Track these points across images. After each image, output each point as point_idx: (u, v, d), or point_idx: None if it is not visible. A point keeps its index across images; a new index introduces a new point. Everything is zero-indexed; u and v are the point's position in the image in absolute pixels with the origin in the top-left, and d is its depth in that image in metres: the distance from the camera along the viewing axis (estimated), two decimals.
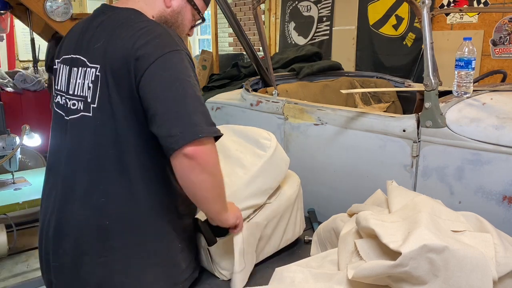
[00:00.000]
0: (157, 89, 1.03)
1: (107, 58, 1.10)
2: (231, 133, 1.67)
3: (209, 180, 1.09)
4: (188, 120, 1.01)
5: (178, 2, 1.25)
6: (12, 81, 4.65)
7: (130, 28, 1.10)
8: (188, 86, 1.05)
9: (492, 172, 1.50)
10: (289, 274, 1.16)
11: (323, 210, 1.98)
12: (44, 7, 3.58)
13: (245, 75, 3.20)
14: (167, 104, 1.02)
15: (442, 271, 0.98)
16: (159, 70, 1.04)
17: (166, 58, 1.05)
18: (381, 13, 4.37)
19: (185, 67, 1.08)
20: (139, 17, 1.15)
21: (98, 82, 1.11)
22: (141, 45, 1.06)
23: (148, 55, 1.05)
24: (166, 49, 1.06)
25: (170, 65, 1.05)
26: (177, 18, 1.26)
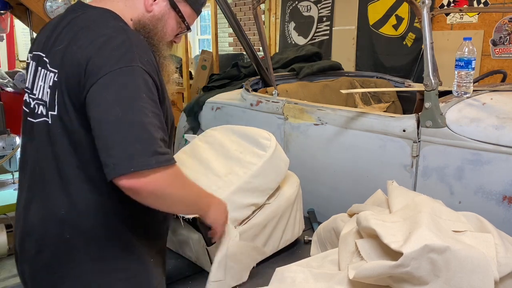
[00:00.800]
0: (98, 110, 0.94)
1: (64, 64, 1.02)
2: (231, 133, 1.67)
3: (164, 203, 1.03)
4: (123, 151, 0.92)
5: (161, 7, 1.16)
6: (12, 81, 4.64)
7: (92, 33, 1.02)
8: (131, 110, 0.94)
9: (492, 172, 1.50)
10: (289, 274, 1.16)
11: (323, 210, 1.98)
12: (44, 7, 3.58)
13: (245, 75, 3.19)
14: (105, 129, 0.93)
15: (443, 271, 0.97)
16: (103, 88, 0.95)
17: (114, 75, 0.95)
18: (381, 13, 4.36)
19: (136, 87, 0.97)
20: (107, 21, 1.06)
21: (56, 89, 1.04)
22: (94, 56, 0.97)
23: (97, 69, 0.96)
24: (118, 65, 0.96)
25: (117, 84, 0.95)
26: (157, 24, 1.15)
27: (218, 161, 1.57)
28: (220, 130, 1.72)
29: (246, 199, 1.43)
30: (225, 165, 1.54)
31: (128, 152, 0.92)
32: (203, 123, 2.75)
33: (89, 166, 1.03)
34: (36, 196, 1.09)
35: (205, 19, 7.91)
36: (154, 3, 1.14)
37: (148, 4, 1.14)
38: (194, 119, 2.82)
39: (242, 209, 1.43)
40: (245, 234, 1.44)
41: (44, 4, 3.57)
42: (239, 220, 1.43)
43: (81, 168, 1.04)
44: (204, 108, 2.74)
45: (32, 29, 4.02)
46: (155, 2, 1.15)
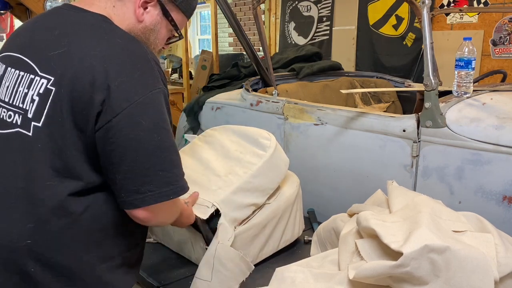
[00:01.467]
0: (132, 137, 0.88)
1: (68, 73, 0.90)
2: (231, 133, 1.67)
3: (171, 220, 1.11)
4: (161, 179, 0.90)
5: (153, 17, 1.06)
6: None
7: (103, 42, 0.93)
8: (165, 136, 0.93)
9: (492, 172, 1.50)
10: (289, 274, 1.16)
11: (323, 210, 1.98)
12: (44, 7, 3.58)
13: (245, 75, 3.19)
14: (140, 157, 0.89)
15: (443, 271, 0.97)
16: (137, 114, 0.89)
17: (147, 101, 0.90)
18: (381, 13, 4.36)
19: (164, 112, 0.94)
20: (113, 28, 0.98)
21: (49, 98, 0.90)
22: (117, 74, 0.89)
23: (127, 92, 0.88)
24: (148, 89, 0.91)
25: (151, 109, 0.91)
26: (150, 35, 1.07)
27: (218, 161, 1.57)
28: (220, 130, 1.72)
29: (246, 199, 1.43)
30: (225, 165, 1.54)
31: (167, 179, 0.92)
32: (203, 123, 2.75)
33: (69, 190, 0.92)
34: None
35: (205, 19, 7.91)
36: (145, 12, 1.05)
37: (139, 13, 1.04)
38: (194, 119, 2.82)
39: (242, 209, 1.43)
40: (245, 234, 1.44)
41: (44, 4, 3.57)
42: (239, 220, 1.43)
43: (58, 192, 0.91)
44: (204, 108, 2.74)
45: None
46: (146, 11, 1.05)
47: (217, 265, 1.31)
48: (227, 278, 1.33)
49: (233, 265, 1.34)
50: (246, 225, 1.44)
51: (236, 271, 1.35)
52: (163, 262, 1.56)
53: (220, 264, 1.31)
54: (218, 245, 1.31)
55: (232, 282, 1.35)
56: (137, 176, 0.90)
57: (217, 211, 1.38)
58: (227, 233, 1.35)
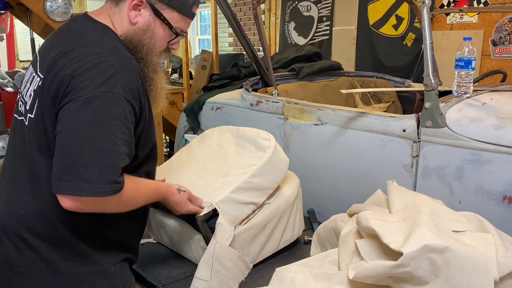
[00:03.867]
0: (67, 127, 0.98)
1: (51, 72, 1.05)
2: (229, 134, 1.67)
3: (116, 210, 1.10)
4: (81, 173, 0.96)
5: (145, 18, 1.13)
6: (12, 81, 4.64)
7: (84, 50, 1.04)
8: (101, 136, 0.98)
9: (492, 172, 1.50)
10: (289, 274, 1.16)
11: (323, 210, 1.98)
12: (44, 7, 3.58)
13: (245, 75, 3.19)
14: (70, 148, 0.97)
15: (443, 271, 0.97)
16: (78, 108, 0.98)
17: (92, 99, 0.98)
18: (381, 13, 4.36)
19: (111, 114, 1.00)
20: (102, 39, 1.08)
21: (37, 94, 1.07)
22: (80, 74, 1.00)
23: (79, 88, 0.99)
24: (99, 89, 0.99)
25: (93, 107, 0.98)
26: (143, 36, 1.13)
27: (217, 162, 1.57)
28: (218, 131, 1.72)
29: (246, 198, 1.43)
30: (224, 166, 1.54)
31: (87, 176, 0.96)
32: (203, 123, 2.75)
33: None
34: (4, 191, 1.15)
35: (205, 19, 7.91)
36: (138, 14, 1.12)
37: (132, 16, 1.12)
38: (194, 119, 2.82)
39: (241, 208, 1.43)
40: (245, 234, 1.44)
41: (44, 4, 3.57)
42: (239, 220, 1.43)
43: (48, 173, 1.04)
44: (204, 108, 2.74)
45: (32, 29, 4.02)
46: (139, 13, 1.12)
47: (216, 265, 1.31)
48: (226, 278, 1.33)
49: (232, 265, 1.34)
50: (246, 225, 1.44)
51: (235, 271, 1.35)
52: (163, 262, 1.56)
53: (219, 264, 1.31)
54: (217, 244, 1.31)
55: (232, 282, 1.35)
56: (62, 163, 0.98)
57: (216, 210, 1.38)
58: (225, 232, 1.35)
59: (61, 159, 0.98)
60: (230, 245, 1.35)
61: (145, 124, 1.13)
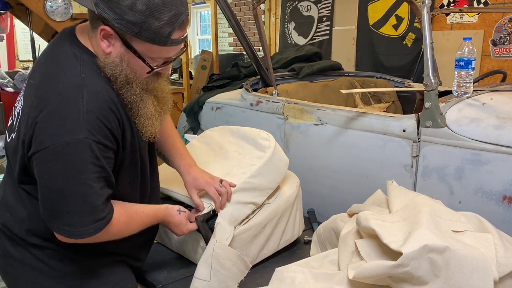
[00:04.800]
0: (42, 177, 1.03)
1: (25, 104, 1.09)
2: (229, 134, 1.67)
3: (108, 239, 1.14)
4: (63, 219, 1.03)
5: (117, 49, 1.06)
6: (12, 81, 4.65)
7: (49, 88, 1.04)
8: (75, 183, 1.01)
9: (492, 172, 1.50)
10: (289, 274, 1.16)
11: (323, 210, 1.98)
12: (44, 7, 3.58)
13: (245, 75, 3.19)
14: (47, 196, 1.04)
15: (443, 271, 0.97)
16: (47, 159, 1.01)
17: (59, 149, 1.00)
18: (381, 13, 4.36)
19: (81, 161, 1.01)
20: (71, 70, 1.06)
21: (17, 119, 1.13)
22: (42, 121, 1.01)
23: (43, 139, 1.01)
24: (64, 138, 0.99)
25: (63, 160, 1.00)
26: (117, 68, 1.07)
27: (217, 163, 1.57)
28: (218, 131, 1.72)
29: (245, 198, 1.43)
30: (224, 166, 1.54)
31: (69, 221, 1.03)
32: (203, 123, 2.75)
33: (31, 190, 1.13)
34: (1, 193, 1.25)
35: (205, 19, 7.91)
36: (110, 44, 1.06)
37: (104, 46, 1.06)
38: (194, 119, 2.82)
39: (241, 208, 1.43)
40: (245, 234, 1.44)
41: (44, 4, 3.57)
42: (238, 220, 1.43)
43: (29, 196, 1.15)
44: (204, 108, 2.74)
45: (32, 29, 4.02)
46: (111, 43, 1.06)
47: (215, 264, 1.31)
48: (226, 278, 1.33)
49: (231, 265, 1.34)
50: (246, 225, 1.44)
51: (234, 271, 1.35)
52: (163, 262, 1.56)
53: (218, 264, 1.31)
54: (216, 244, 1.31)
55: (231, 282, 1.35)
56: (46, 207, 1.05)
57: (215, 211, 1.38)
58: (225, 232, 1.35)
59: (44, 204, 1.05)
60: (229, 245, 1.35)
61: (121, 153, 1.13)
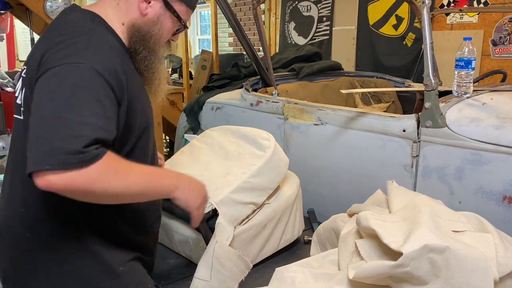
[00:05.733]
0: (34, 102, 0.95)
1: (30, 61, 1.06)
2: (230, 134, 1.67)
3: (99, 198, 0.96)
4: (43, 146, 0.88)
5: (156, 10, 1.14)
6: (12, 81, 4.65)
7: (56, 33, 1.04)
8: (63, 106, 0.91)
9: (492, 172, 1.50)
10: (289, 274, 1.16)
11: (323, 210, 1.98)
12: (44, 7, 3.58)
13: (245, 75, 3.19)
14: (33, 121, 0.93)
15: (443, 271, 0.97)
16: (43, 82, 0.96)
17: (58, 70, 0.95)
18: (381, 13, 4.36)
19: (75, 84, 0.94)
20: (78, 22, 1.06)
21: (24, 86, 1.07)
22: (48, 51, 1.00)
23: (48, 62, 0.98)
24: (65, 60, 0.96)
25: (56, 79, 0.94)
26: (153, 27, 1.15)
27: (217, 162, 1.57)
28: (218, 130, 1.72)
29: (245, 198, 1.43)
30: (224, 166, 1.54)
31: (49, 148, 0.88)
32: (203, 123, 2.75)
33: None
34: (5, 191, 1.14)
35: (205, 19, 7.91)
36: (148, 6, 1.13)
37: (143, 8, 1.13)
38: (194, 119, 2.82)
39: (241, 208, 1.43)
40: (245, 234, 1.44)
41: (44, 4, 3.57)
42: (238, 220, 1.43)
43: None
44: (204, 108, 2.74)
45: (32, 29, 4.02)
46: (149, 5, 1.14)
47: (215, 264, 1.31)
48: (226, 278, 1.33)
49: (232, 265, 1.34)
50: (246, 225, 1.44)
51: (234, 271, 1.35)
52: (163, 262, 1.56)
53: (219, 264, 1.31)
54: (216, 244, 1.31)
55: (231, 282, 1.35)
56: (31, 138, 0.91)
57: (215, 210, 1.38)
58: (225, 232, 1.35)
59: (31, 134, 0.92)
60: (230, 245, 1.35)
61: (127, 108, 1.05)
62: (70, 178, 0.89)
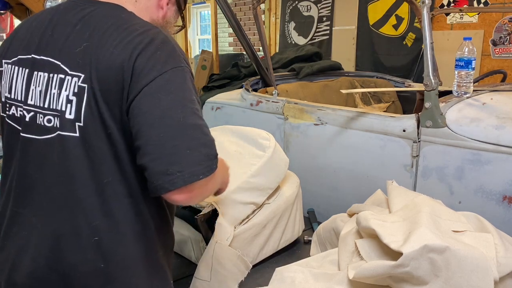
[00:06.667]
0: (154, 114, 0.86)
1: (94, 67, 0.90)
2: (230, 134, 1.67)
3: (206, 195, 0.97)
4: (189, 157, 0.85)
5: (171, 12, 1.13)
6: None
7: (125, 32, 0.91)
8: (191, 113, 0.88)
9: (492, 172, 1.50)
10: (289, 274, 1.16)
11: (323, 210, 1.98)
12: (44, 7, 3.58)
13: (245, 75, 3.20)
14: (165, 135, 0.85)
15: (443, 271, 0.97)
16: (158, 91, 0.87)
17: (168, 77, 0.88)
18: (381, 13, 4.36)
19: (188, 89, 0.91)
20: (133, 17, 0.97)
21: (84, 96, 0.90)
22: (139, 55, 0.88)
23: (147, 70, 0.87)
24: (169, 65, 0.89)
25: (172, 86, 0.88)
26: (167, 28, 1.13)
27: None
28: (218, 130, 1.72)
29: (245, 198, 1.43)
30: None
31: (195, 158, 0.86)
32: None
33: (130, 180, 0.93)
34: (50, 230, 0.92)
35: (205, 19, 7.91)
36: (167, 8, 1.12)
37: (165, 9, 1.12)
38: None
39: (241, 208, 1.43)
40: (245, 234, 1.44)
41: (44, 4, 3.57)
42: (239, 220, 1.43)
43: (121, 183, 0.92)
44: (204, 108, 2.74)
45: None
46: (167, 7, 1.12)
47: (215, 265, 1.31)
48: (226, 278, 1.33)
49: (232, 265, 1.34)
50: (246, 225, 1.44)
51: (234, 271, 1.35)
52: None
53: (219, 264, 1.31)
54: (216, 244, 1.31)
55: (231, 282, 1.35)
56: (163, 156, 0.85)
57: (215, 210, 1.38)
58: (225, 232, 1.35)
59: (159, 153, 0.85)
60: (230, 245, 1.35)
61: None
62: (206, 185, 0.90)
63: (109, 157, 0.91)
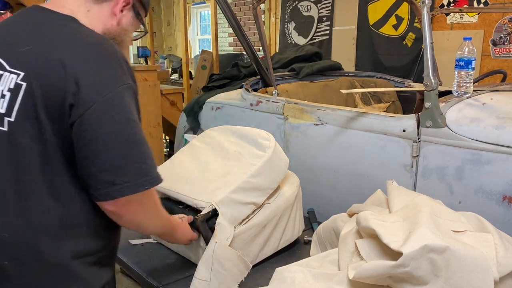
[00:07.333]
0: (105, 129, 0.91)
1: (39, 69, 0.92)
2: (230, 134, 1.67)
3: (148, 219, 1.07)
4: (137, 170, 0.94)
5: (128, 18, 1.13)
6: None
7: (74, 42, 0.96)
8: (137, 129, 0.96)
9: (492, 172, 1.50)
10: (289, 274, 1.16)
11: (323, 210, 1.98)
12: None
13: (245, 75, 3.19)
14: (115, 148, 0.92)
15: (443, 271, 0.97)
16: (108, 108, 0.92)
17: (117, 95, 0.93)
18: (381, 13, 4.36)
19: (132, 106, 0.97)
20: (81, 29, 1.01)
21: (20, 93, 0.92)
22: (86, 69, 0.92)
23: (96, 86, 0.92)
24: (118, 83, 0.94)
25: (121, 103, 0.94)
26: (125, 35, 1.14)
27: (217, 162, 1.57)
28: (218, 130, 1.72)
29: (245, 198, 1.43)
30: (224, 166, 1.54)
31: (142, 171, 0.95)
32: (203, 123, 2.75)
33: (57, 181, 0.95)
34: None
35: (205, 19, 7.91)
36: (122, 14, 1.12)
37: (119, 16, 1.11)
38: (194, 119, 2.82)
39: (241, 208, 1.43)
40: (245, 234, 1.44)
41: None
42: (238, 220, 1.43)
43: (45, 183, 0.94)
44: (204, 108, 2.74)
45: None
46: (122, 14, 1.12)
47: (215, 265, 1.31)
48: (226, 278, 1.33)
49: (232, 265, 1.34)
50: (246, 225, 1.44)
51: (234, 271, 1.35)
52: (163, 262, 1.56)
53: (219, 264, 1.31)
54: (216, 244, 1.31)
55: (231, 282, 1.35)
56: (112, 168, 0.92)
57: (215, 210, 1.38)
58: (225, 232, 1.35)
59: (108, 164, 0.92)
60: (230, 245, 1.35)
61: None
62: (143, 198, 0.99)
63: (36, 156, 0.93)
